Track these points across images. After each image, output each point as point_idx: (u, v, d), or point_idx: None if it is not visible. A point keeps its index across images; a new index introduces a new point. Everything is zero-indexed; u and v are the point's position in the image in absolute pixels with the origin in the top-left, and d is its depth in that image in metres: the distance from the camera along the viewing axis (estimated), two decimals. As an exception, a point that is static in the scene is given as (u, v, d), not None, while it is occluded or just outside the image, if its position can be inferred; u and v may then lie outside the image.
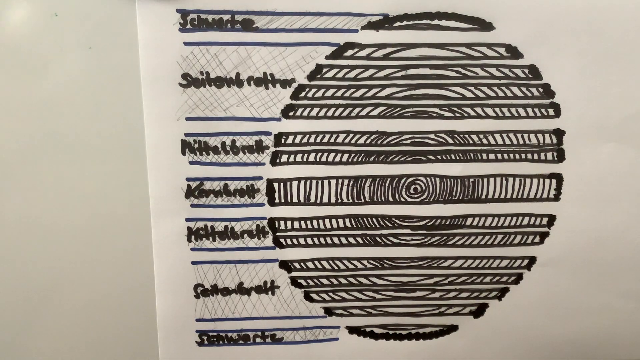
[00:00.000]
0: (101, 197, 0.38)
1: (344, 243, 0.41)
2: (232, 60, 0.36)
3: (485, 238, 0.41)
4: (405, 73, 0.37)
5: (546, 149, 0.39)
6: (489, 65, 0.37)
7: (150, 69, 0.36)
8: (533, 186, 0.40)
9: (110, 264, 0.40)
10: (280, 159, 0.39)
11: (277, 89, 0.37)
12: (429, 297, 0.42)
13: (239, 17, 0.35)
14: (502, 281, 0.42)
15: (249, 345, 0.43)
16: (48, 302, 0.40)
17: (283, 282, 0.41)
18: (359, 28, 0.36)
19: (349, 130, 0.38)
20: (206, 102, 0.37)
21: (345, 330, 0.43)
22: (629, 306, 0.43)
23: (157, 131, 0.37)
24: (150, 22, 0.35)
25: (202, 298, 0.41)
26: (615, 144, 0.39)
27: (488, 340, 0.44)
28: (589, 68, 0.37)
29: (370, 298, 0.42)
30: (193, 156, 0.38)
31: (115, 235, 0.39)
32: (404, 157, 0.39)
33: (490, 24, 0.36)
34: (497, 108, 0.38)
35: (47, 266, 0.39)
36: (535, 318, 0.43)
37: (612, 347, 0.44)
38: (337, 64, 0.37)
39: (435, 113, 0.38)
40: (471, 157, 0.39)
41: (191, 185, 0.38)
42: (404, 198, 0.40)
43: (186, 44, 0.36)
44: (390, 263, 0.41)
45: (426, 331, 0.44)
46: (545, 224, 0.41)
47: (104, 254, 0.39)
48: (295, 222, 0.40)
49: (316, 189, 0.39)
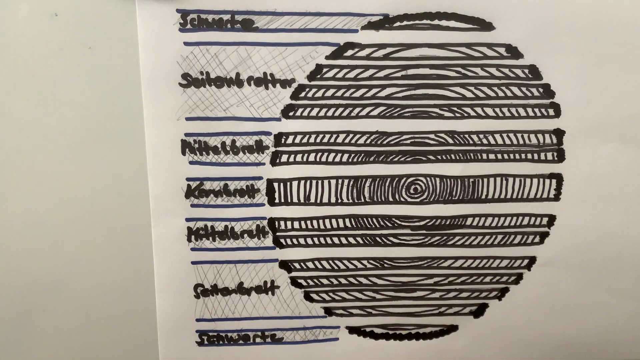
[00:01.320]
0: (101, 197, 0.38)
1: (344, 243, 0.41)
2: (232, 60, 0.36)
3: (485, 238, 0.41)
4: (405, 73, 0.37)
5: (546, 149, 0.39)
6: (489, 65, 0.37)
7: (150, 69, 0.36)
8: (533, 186, 0.40)
9: (111, 264, 0.40)
10: (280, 159, 0.39)
11: (277, 89, 0.37)
12: (429, 297, 0.42)
13: (239, 17, 0.35)
14: (502, 281, 0.42)
15: (249, 345, 0.43)
16: (48, 302, 0.40)
17: (283, 282, 0.41)
18: (359, 28, 0.36)
19: (349, 130, 0.38)
20: (206, 102, 0.37)
21: (345, 330, 0.43)
22: (629, 306, 0.43)
23: (157, 131, 0.37)
24: (150, 22, 0.35)
25: (202, 298, 0.41)
26: (615, 144, 0.39)
27: (488, 340, 0.44)
28: (589, 68, 0.37)
29: (370, 298, 0.42)
30: (193, 156, 0.38)
31: (116, 235, 0.39)
32: (404, 157, 0.39)
33: (490, 24, 0.36)
34: (497, 108, 0.38)
35: (47, 266, 0.39)
36: (535, 318, 0.43)
37: (612, 347, 0.45)
38: (337, 64, 0.37)
39: (435, 113, 0.38)
40: (471, 157, 0.39)
41: (191, 185, 0.38)
42: (404, 198, 0.40)
43: (186, 44, 0.36)
44: (390, 263, 0.41)
45: (426, 331, 0.44)
46: (545, 224, 0.41)
47: (104, 254, 0.39)
48: (295, 222, 0.40)
49: (316, 189, 0.39)
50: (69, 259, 0.39)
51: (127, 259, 0.40)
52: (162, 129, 0.37)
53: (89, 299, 0.40)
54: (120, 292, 0.40)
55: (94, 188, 0.38)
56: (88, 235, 0.39)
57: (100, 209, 0.38)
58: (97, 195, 0.38)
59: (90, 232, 0.39)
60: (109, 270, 0.40)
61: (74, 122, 0.37)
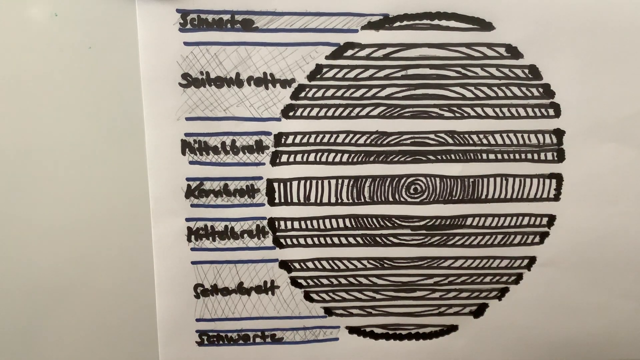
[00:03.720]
0: (101, 197, 0.38)
1: (344, 243, 0.41)
2: (232, 60, 0.36)
3: (485, 238, 0.41)
4: (405, 73, 0.37)
5: (546, 149, 0.39)
6: (489, 65, 0.37)
7: (150, 69, 0.36)
8: (533, 186, 0.40)
9: (110, 264, 0.40)
10: (280, 159, 0.39)
11: (277, 89, 0.37)
12: (429, 297, 0.42)
13: (239, 17, 0.35)
14: (502, 281, 0.42)
15: (249, 345, 0.43)
16: (47, 302, 0.40)
17: (283, 282, 0.41)
18: (359, 28, 0.36)
19: (349, 130, 0.38)
20: (206, 102, 0.37)
21: (345, 330, 0.43)
22: (629, 306, 0.43)
23: (157, 131, 0.37)
24: (150, 22, 0.35)
25: (202, 298, 0.41)
26: (615, 144, 0.39)
27: (488, 340, 0.44)
28: (589, 68, 0.37)
29: (370, 298, 0.42)
30: (193, 156, 0.38)
31: (115, 235, 0.39)
32: (404, 157, 0.39)
33: (490, 24, 0.36)
34: (497, 108, 0.38)
35: (47, 266, 0.39)
36: (535, 318, 0.43)
37: (612, 347, 0.44)
38: (337, 64, 0.37)
39: (435, 113, 0.38)
40: (471, 157, 0.39)
41: (191, 185, 0.38)
42: (404, 198, 0.40)
43: (186, 44, 0.36)
44: (390, 263, 0.41)
45: (426, 331, 0.44)
46: (545, 224, 0.41)
47: (104, 254, 0.39)
48: (295, 222, 0.40)
49: (316, 189, 0.39)
50: (69, 259, 0.39)
51: (127, 259, 0.40)
52: (162, 129, 0.37)
53: (88, 299, 0.40)
54: (120, 292, 0.40)
55: (93, 188, 0.38)
56: (88, 235, 0.39)
57: (100, 209, 0.38)
58: (97, 195, 0.38)
59: (90, 232, 0.39)
60: (109, 270, 0.40)
61: (74, 122, 0.37)
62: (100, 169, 0.38)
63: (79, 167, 0.37)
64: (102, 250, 0.39)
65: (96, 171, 0.38)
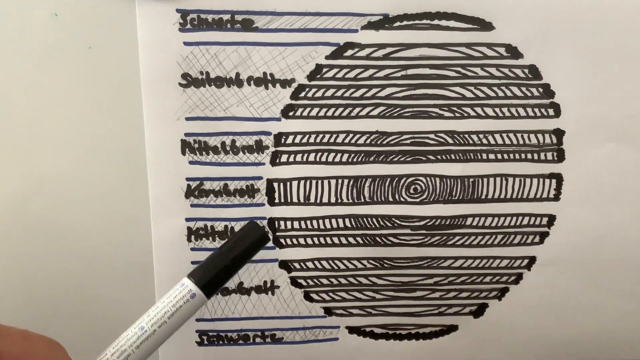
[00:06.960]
0: (101, 197, 0.38)
1: (344, 243, 0.41)
2: (232, 60, 0.36)
3: (485, 238, 0.41)
4: (405, 73, 0.37)
5: (546, 149, 0.39)
6: (489, 65, 0.37)
7: (150, 69, 0.36)
8: (533, 186, 0.40)
9: (110, 264, 0.40)
10: (280, 159, 0.39)
11: (277, 89, 0.37)
12: (429, 297, 0.42)
13: (238, 17, 0.35)
14: (502, 281, 0.42)
15: (249, 345, 0.43)
16: (47, 302, 0.40)
17: (283, 282, 0.41)
18: (359, 28, 0.36)
19: (349, 130, 0.38)
20: (206, 102, 0.37)
21: (345, 330, 0.43)
22: (629, 306, 0.43)
23: (157, 131, 0.37)
24: (150, 22, 0.35)
25: (202, 298, 0.41)
26: (615, 144, 0.39)
27: (488, 340, 0.44)
28: (589, 68, 0.37)
29: (370, 298, 0.42)
30: (193, 156, 0.38)
31: (115, 235, 0.39)
32: (404, 157, 0.39)
33: (490, 24, 0.36)
34: (497, 108, 0.38)
35: (46, 266, 0.39)
36: (535, 318, 0.43)
37: (612, 347, 0.44)
38: (337, 64, 0.37)
39: (435, 113, 0.38)
40: (471, 157, 0.39)
41: (191, 185, 0.38)
42: (404, 198, 0.40)
43: (186, 44, 0.36)
44: (390, 263, 0.41)
45: (426, 331, 0.44)
46: (545, 224, 0.41)
47: (104, 254, 0.39)
48: (295, 222, 0.40)
49: (316, 189, 0.39)
50: (68, 259, 0.39)
51: (126, 259, 0.40)
52: (162, 129, 0.37)
53: (88, 299, 0.40)
54: (120, 292, 0.40)
55: (93, 188, 0.38)
56: (87, 235, 0.39)
57: (99, 209, 0.38)
58: (96, 195, 0.38)
59: (90, 232, 0.39)
60: (109, 270, 0.40)
61: (74, 122, 0.37)
62: (99, 168, 0.38)
63: (78, 167, 0.37)
64: (102, 250, 0.39)
65: (96, 171, 0.38)
